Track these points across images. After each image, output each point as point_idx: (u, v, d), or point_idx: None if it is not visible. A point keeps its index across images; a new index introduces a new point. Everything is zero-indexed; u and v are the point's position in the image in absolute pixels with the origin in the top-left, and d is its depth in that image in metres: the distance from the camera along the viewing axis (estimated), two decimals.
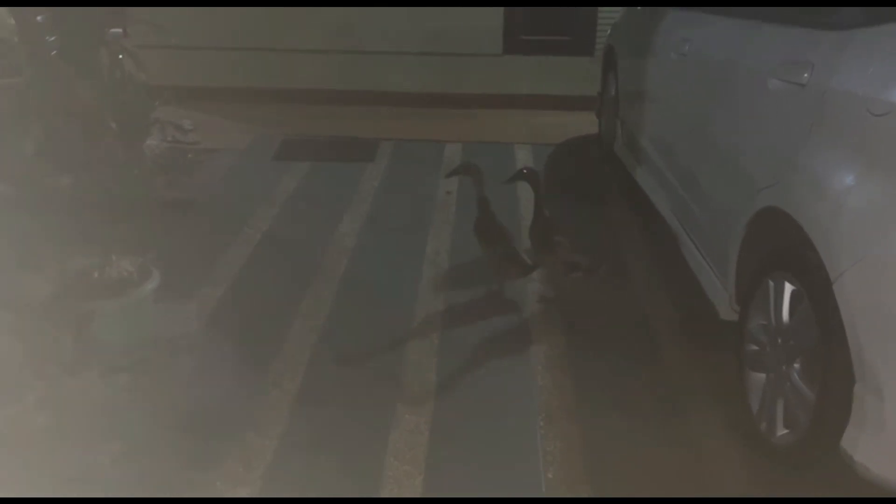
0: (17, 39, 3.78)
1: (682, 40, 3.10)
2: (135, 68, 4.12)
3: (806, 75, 2.00)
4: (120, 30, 5.58)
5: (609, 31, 4.75)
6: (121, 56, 4.01)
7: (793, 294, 2.01)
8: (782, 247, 2.04)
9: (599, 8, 5.66)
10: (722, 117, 2.59)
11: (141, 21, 5.40)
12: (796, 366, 1.98)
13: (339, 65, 5.83)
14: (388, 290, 3.11)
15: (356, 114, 4.06)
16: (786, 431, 2.00)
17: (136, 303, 2.42)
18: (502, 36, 5.75)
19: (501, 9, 5.65)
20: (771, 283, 2.10)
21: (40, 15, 3.60)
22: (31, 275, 2.18)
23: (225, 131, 5.13)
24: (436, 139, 5.13)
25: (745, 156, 2.34)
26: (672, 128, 3.26)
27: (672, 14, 3.45)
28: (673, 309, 2.96)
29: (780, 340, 2.07)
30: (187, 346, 2.61)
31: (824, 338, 1.79)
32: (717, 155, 2.61)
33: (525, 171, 3.07)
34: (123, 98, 3.99)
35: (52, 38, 3.64)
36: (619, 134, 4.31)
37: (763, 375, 2.16)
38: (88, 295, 2.24)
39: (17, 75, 3.90)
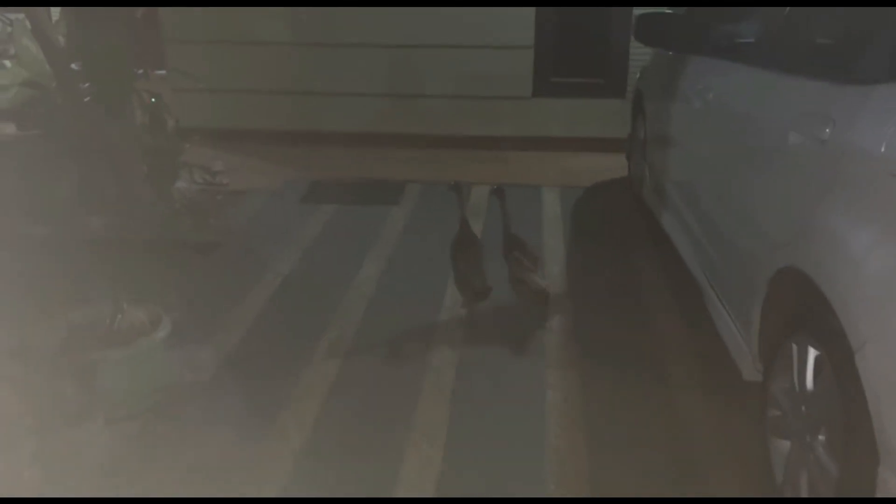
0: (54, 85, 3.90)
1: (706, 88, 3.04)
2: (166, 112, 4.22)
3: (827, 130, 1.92)
4: (164, 71, 5.75)
5: (639, 75, 4.71)
6: (152, 100, 4.13)
7: (817, 359, 1.90)
8: (805, 309, 1.95)
9: (631, 49, 5.62)
10: (742, 169, 2.51)
11: (173, 68, 5.56)
12: (821, 437, 1.86)
13: (368, 108, 5.88)
14: (403, 339, 3.06)
15: (385, 156, 4.08)
16: None
17: (145, 351, 2.42)
18: (532, 78, 5.74)
19: (531, 51, 5.65)
20: (794, 346, 2.00)
21: (75, 63, 3.72)
22: (41, 323, 2.20)
23: (255, 173, 5.19)
24: (463, 182, 5.11)
25: (764, 210, 2.25)
26: (695, 175, 3.18)
27: (697, 61, 3.39)
28: (696, 364, 2.85)
29: (803, 408, 1.96)
30: (196, 395, 2.59)
31: (846, 411, 1.68)
32: (738, 207, 2.52)
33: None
34: (154, 142, 4.09)
35: (87, 85, 3.76)
36: (646, 178, 4.24)
37: (787, 443, 2.04)
38: (95, 345, 2.24)
39: (53, 119, 4.02)
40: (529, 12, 5.55)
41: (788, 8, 2.50)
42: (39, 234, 3.75)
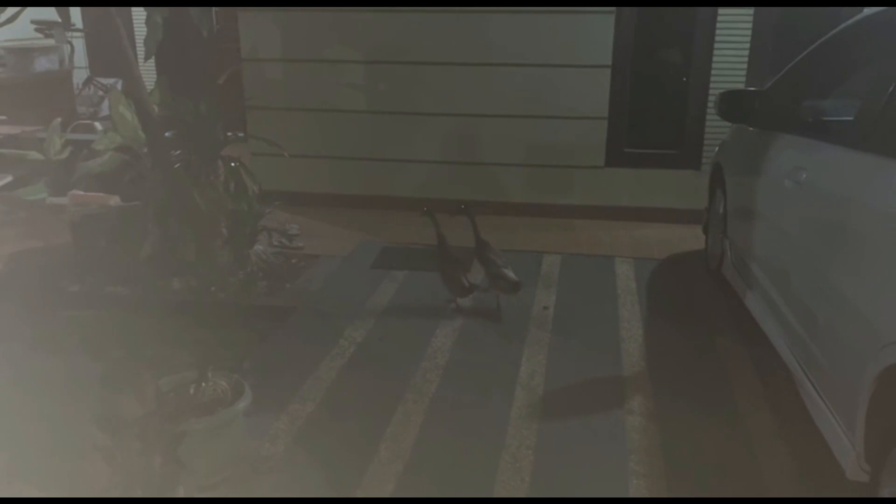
0: (146, 151, 4.07)
1: (797, 168, 2.95)
2: (247, 177, 4.35)
3: None
4: (241, 134, 5.96)
5: (717, 149, 4.64)
6: (234, 164, 4.26)
7: None
8: None
9: (707, 121, 5.56)
10: (843, 257, 2.40)
11: (253, 133, 5.75)
12: None
13: (440, 174, 5.95)
14: (478, 414, 2.99)
15: (455, 222, 4.10)
16: None
17: (227, 422, 2.42)
18: (605, 149, 5.73)
19: (605, 122, 5.65)
20: None
21: (169, 131, 3.88)
22: (128, 390, 2.22)
23: (328, 237, 5.27)
24: (534, 250, 5.08)
25: (869, 304, 2.14)
26: (787, 258, 3.06)
27: (784, 137, 3.32)
28: (789, 460, 2.69)
29: None
30: (271, 467, 2.57)
31: None
32: (839, 297, 2.40)
33: (462, 207, 4.14)
34: (235, 206, 4.20)
35: (178, 153, 3.91)
36: (727, 255, 4.12)
37: None
38: (181, 414, 2.26)
39: (142, 184, 4.18)
40: (604, 84, 5.58)
41: (893, 86, 2.42)
42: (122, 294, 3.87)
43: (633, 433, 2.85)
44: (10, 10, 2.88)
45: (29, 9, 3.25)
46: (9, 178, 1.85)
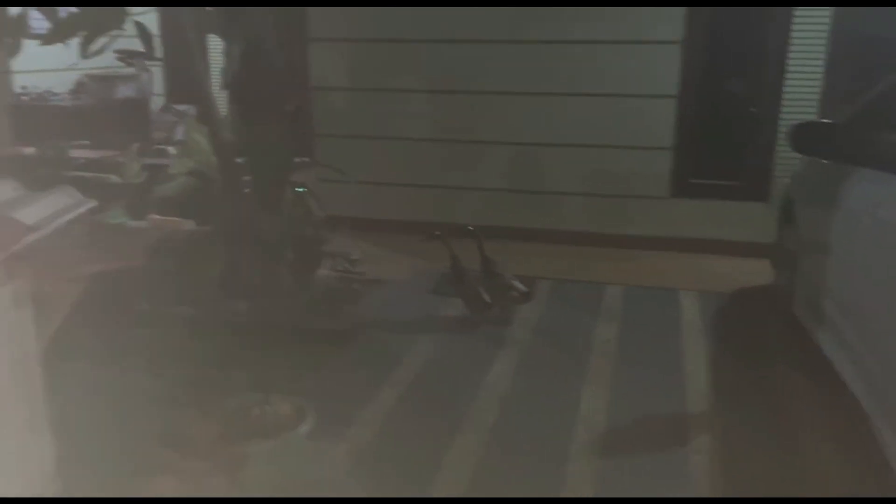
0: (217, 176, 4.20)
1: (876, 203, 2.85)
2: (313, 203, 4.44)
3: None
4: (309, 160, 6.09)
5: (789, 181, 4.51)
6: (301, 189, 4.36)
7: None
8: None
9: (777, 153, 5.43)
10: None
11: (319, 160, 5.87)
12: None
13: (502, 202, 5.95)
14: (537, 449, 2.95)
15: (515, 250, 4.09)
16: None
17: (289, 445, 2.45)
18: (670, 179, 5.64)
19: (670, 152, 5.58)
20: None
21: (240, 157, 4.00)
22: (195, 409, 2.28)
23: (389, 262, 5.31)
24: (595, 281, 5.01)
25: None
26: (863, 296, 2.94)
27: (863, 172, 3.20)
28: None
29: None
30: (330, 492, 2.58)
31: None
32: None
33: (470, 229, 4.36)
34: (301, 231, 4.29)
35: (248, 178, 4.02)
36: (799, 292, 3.98)
37: None
38: (247, 435, 2.29)
39: (212, 208, 4.31)
40: (669, 114, 5.51)
41: None
42: (190, 314, 3.98)
43: (698, 473, 2.76)
44: (101, 41, 3.04)
45: (113, 38, 3.42)
46: (93, 204, 1.94)
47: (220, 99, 4.20)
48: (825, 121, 3.54)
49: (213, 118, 3.88)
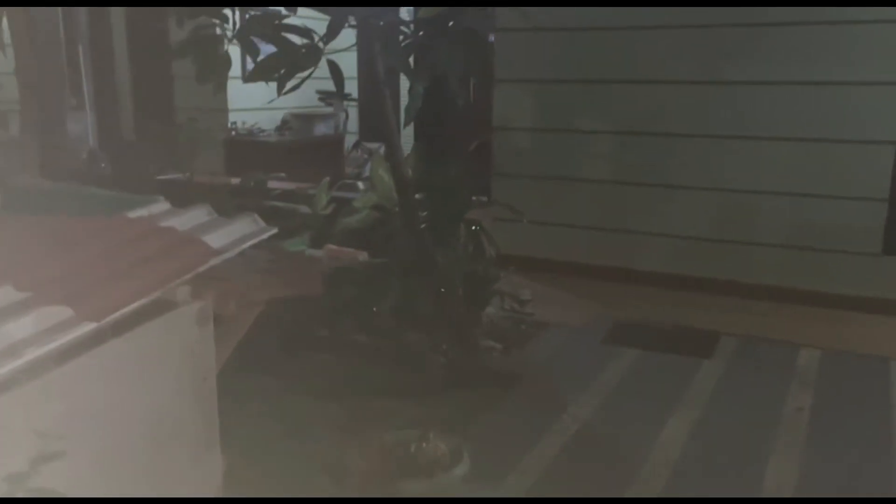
0: (397, 211, 4.34)
1: None
2: (487, 241, 4.45)
3: None
4: (486, 199, 6.17)
5: None
6: (475, 227, 4.38)
7: None
8: None
9: None
10: None
11: (496, 199, 5.90)
12: None
13: (688, 249, 5.60)
14: None
15: (696, 301, 3.77)
16: None
17: (443, 487, 2.39)
18: (884, 233, 5.02)
19: (885, 204, 4.97)
20: None
21: (419, 193, 4.11)
22: (354, 439, 2.29)
23: (560, 306, 5.17)
24: (791, 341, 4.54)
25: None
26: None
27: None
28: None
29: None
30: None
31: None
32: None
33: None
34: (473, 268, 4.31)
35: (425, 214, 4.12)
36: None
37: None
38: (401, 473, 2.27)
39: (391, 241, 4.45)
40: (885, 162, 4.93)
41: None
42: (363, 342, 4.11)
43: None
44: (297, 78, 3.26)
45: (315, 79, 3.65)
46: (274, 231, 2.06)
47: (408, 136, 4.35)
48: None
49: (396, 155, 4.02)
